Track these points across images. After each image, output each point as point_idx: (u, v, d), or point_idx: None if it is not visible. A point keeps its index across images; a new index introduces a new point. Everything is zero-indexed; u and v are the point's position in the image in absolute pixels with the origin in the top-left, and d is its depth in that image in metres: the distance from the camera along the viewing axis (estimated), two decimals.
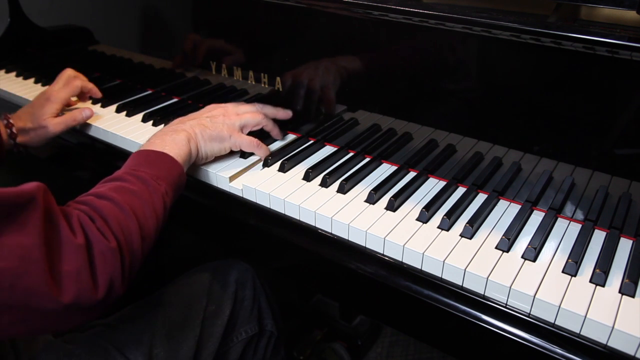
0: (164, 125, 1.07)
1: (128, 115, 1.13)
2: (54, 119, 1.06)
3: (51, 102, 1.06)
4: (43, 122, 1.04)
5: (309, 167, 0.91)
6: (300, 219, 0.83)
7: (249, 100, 1.09)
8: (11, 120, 1.05)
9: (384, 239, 0.74)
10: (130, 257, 0.68)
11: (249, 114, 0.94)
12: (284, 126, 1.05)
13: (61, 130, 1.06)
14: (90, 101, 1.20)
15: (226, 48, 1.08)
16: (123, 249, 0.66)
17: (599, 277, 0.66)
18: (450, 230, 0.76)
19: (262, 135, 0.99)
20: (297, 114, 1.03)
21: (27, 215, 0.58)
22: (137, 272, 0.70)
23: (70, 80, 1.11)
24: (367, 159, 0.95)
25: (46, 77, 1.35)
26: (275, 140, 1.02)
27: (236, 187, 0.89)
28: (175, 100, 1.21)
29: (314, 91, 0.98)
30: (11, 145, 1.05)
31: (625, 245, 0.73)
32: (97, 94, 1.18)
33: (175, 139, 0.85)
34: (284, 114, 1.00)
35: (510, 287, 0.66)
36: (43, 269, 0.57)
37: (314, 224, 0.82)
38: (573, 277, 0.67)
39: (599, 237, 0.75)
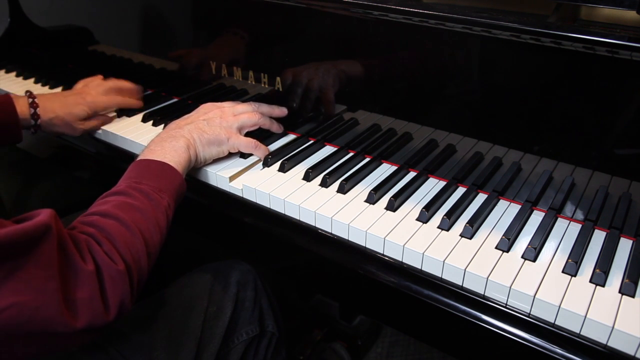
0: (164, 126, 1.07)
1: (128, 115, 1.13)
2: (86, 123, 1.07)
3: (87, 104, 1.06)
4: (75, 122, 1.05)
5: (309, 167, 0.91)
6: (300, 219, 0.83)
7: (249, 100, 1.09)
8: (36, 100, 1.04)
9: (384, 239, 0.74)
10: (138, 275, 0.69)
11: (246, 115, 0.94)
12: (284, 126, 1.05)
13: (85, 132, 1.09)
14: None
15: (226, 48, 1.08)
16: (131, 269, 0.67)
17: (599, 277, 0.66)
18: (450, 230, 0.76)
19: (260, 135, 0.99)
20: (297, 113, 1.03)
21: (43, 247, 0.58)
22: (144, 285, 0.71)
23: (112, 91, 1.12)
24: (367, 159, 0.95)
25: (46, 77, 1.35)
26: (274, 141, 1.02)
27: (236, 187, 0.89)
28: (175, 100, 1.21)
29: (313, 91, 0.98)
30: (29, 125, 1.04)
31: (625, 245, 0.73)
32: (139, 104, 1.16)
33: (175, 146, 0.84)
34: (280, 111, 1.00)
35: (510, 287, 0.66)
36: (58, 300, 0.58)
37: (314, 224, 0.82)
38: (573, 277, 0.67)
39: (599, 237, 0.75)
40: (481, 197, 0.84)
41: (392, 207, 0.80)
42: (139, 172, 0.79)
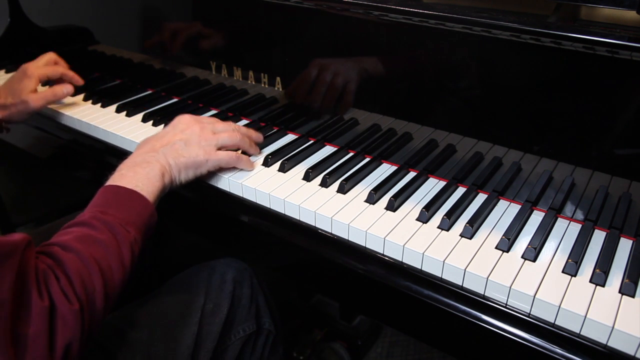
0: (164, 126, 1.07)
1: (128, 115, 1.13)
2: (35, 94, 1.06)
3: (29, 77, 1.06)
4: (24, 97, 1.05)
5: (309, 167, 0.91)
6: (300, 219, 0.83)
7: (249, 100, 1.10)
8: None
9: (384, 239, 0.74)
10: (90, 318, 0.64)
11: (227, 134, 0.88)
12: (285, 125, 1.05)
13: (41, 105, 1.07)
14: (90, 101, 1.20)
15: (226, 47, 1.08)
16: (84, 311, 0.62)
17: (599, 277, 0.66)
18: (450, 230, 0.76)
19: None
20: (298, 113, 1.03)
21: (5, 268, 0.55)
22: (96, 333, 0.66)
23: (51, 62, 1.12)
24: (367, 159, 0.95)
25: None
26: (274, 141, 1.02)
27: (236, 187, 0.89)
28: (175, 100, 1.21)
29: (333, 87, 0.98)
30: None
31: (625, 245, 0.73)
32: (79, 81, 1.16)
33: (149, 173, 0.79)
34: (257, 136, 0.96)
35: (510, 287, 0.66)
36: (4, 328, 0.54)
37: (314, 224, 0.82)
38: (573, 277, 0.67)
39: (599, 237, 0.75)
40: (481, 197, 0.84)
41: (392, 207, 0.80)
42: (106, 200, 0.74)
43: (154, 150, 0.83)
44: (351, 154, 0.96)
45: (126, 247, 0.70)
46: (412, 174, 0.90)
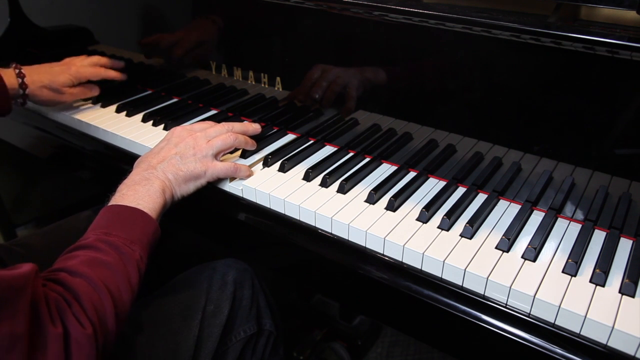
0: (164, 126, 1.07)
1: (128, 115, 1.13)
2: (72, 89, 1.13)
3: (71, 74, 1.12)
4: (61, 89, 1.11)
5: (309, 167, 0.91)
6: (300, 219, 0.83)
7: (249, 100, 1.10)
8: (23, 71, 1.07)
9: (384, 239, 0.74)
10: (104, 338, 0.65)
11: (220, 139, 0.88)
12: (285, 125, 1.05)
13: (71, 101, 1.15)
14: (90, 101, 1.20)
15: (226, 47, 1.08)
16: (98, 333, 0.63)
17: (599, 277, 0.66)
18: (450, 230, 0.76)
19: (258, 137, 0.99)
20: (298, 113, 1.03)
21: (19, 302, 0.55)
22: (109, 352, 0.67)
23: (97, 63, 1.17)
24: (367, 159, 0.95)
25: None
26: (274, 141, 1.02)
27: (236, 187, 0.89)
28: (175, 100, 1.21)
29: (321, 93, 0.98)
30: (18, 95, 1.07)
31: (625, 245, 0.73)
32: (118, 76, 1.20)
33: (149, 190, 0.79)
34: (254, 129, 0.95)
35: (510, 287, 0.66)
36: None
37: (314, 224, 0.82)
38: (573, 277, 0.67)
39: (599, 237, 0.75)
40: (481, 197, 0.84)
41: (392, 207, 0.80)
42: (110, 221, 0.74)
43: (152, 167, 0.84)
44: (351, 154, 0.96)
45: (132, 266, 0.70)
46: (412, 174, 0.90)
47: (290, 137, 1.04)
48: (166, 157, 0.85)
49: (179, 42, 1.15)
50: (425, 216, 0.78)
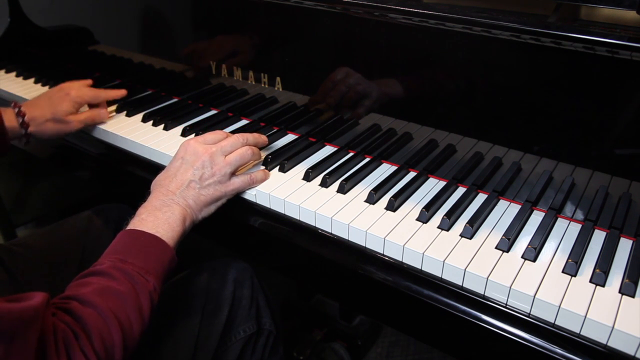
0: (164, 127, 1.07)
1: (128, 115, 1.13)
2: (77, 116, 1.06)
3: (71, 99, 1.05)
4: (65, 118, 1.04)
5: (309, 167, 0.91)
6: (300, 219, 0.83)
7: (249, 100, 1.10)
8: (22, 109, 1.02)
9: (384, 239, 0.74)
10: None
11: (238, 154, 0.86)
12: (285, 125, 1.05)
13: (80, 128, 1.07)
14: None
15: (226, 48, 1.08)
16: None
17: (599, 277, 0.66)
18: (450, 230, 0.76)
19: None
20: (298, 113, 1.03)
21: (28, 335, 0.54)
22: None
23: (92, 84, 1.12)
24: (367, 159, 0.95)
25: (46, 77, 1.35)
26: (274, 141, 1.02)
27: None
28: (175, 100, 1.21)
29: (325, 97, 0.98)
30: (20, 135, 1.03)
31: (625, 245, 0.73)
32: (119, 95, 1.15)
33: (169, 218, 0.78)
34: (263, 141, 0.93)
35: (510, 287, 0.66)
36: None
37: (313, 224, 0.82)
38: (573, 277, 0.67)
39: (599, 237, 0.75)
40: (481, 197, 0.84)
41: (392, 207, 0.80)
42: (126, 246, 0.73)
43: (172, 192, 0.82)
44: (351, 154, 0.96)
45: (145, 297, 0.70)
46: (412, 174, 0.90)
47: (290, 137, 1.04)
48: (184, 181, 0.82)
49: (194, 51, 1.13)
50: (425, 216, 0.78)
